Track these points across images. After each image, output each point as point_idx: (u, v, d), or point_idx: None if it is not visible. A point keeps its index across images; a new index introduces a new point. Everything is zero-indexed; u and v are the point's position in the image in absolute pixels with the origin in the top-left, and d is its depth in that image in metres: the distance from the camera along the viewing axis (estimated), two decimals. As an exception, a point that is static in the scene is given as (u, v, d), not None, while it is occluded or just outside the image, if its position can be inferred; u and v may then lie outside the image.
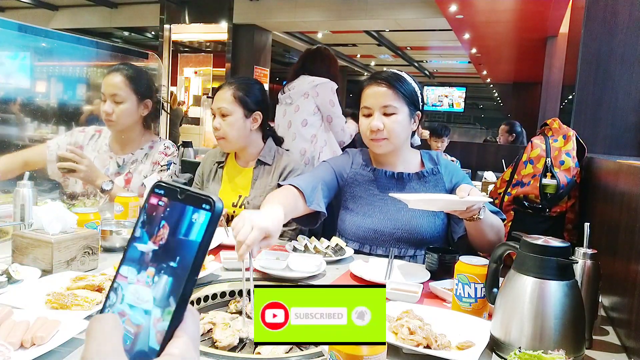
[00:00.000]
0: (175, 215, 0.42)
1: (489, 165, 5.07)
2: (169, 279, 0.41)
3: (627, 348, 1.03)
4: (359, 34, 10.17)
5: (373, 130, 1.58)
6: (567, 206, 1.78)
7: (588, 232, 1.08)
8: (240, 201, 1.95)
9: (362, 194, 1.69)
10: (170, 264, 0.41)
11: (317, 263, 1.41)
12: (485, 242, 1.49)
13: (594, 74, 2.09)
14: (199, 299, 1.22)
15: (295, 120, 2.77)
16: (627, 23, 2.03)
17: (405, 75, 1.64)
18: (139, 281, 0.42)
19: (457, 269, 1.16)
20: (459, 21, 7.90)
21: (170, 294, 0.40)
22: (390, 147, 1.62)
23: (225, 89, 1.92)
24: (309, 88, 2.74)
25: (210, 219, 0.41)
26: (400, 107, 1.59)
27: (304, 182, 1.57)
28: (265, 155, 1.98)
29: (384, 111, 1.59)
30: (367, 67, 15.51)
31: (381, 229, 1.63)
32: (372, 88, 1.61)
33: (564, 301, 0.91)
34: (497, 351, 0.98)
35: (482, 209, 1.37)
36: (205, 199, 0.41)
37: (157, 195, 0.44)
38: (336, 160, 1.78)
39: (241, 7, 8.07)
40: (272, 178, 1.95)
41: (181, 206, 0.42)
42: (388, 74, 1.62)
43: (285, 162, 1.97)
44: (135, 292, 0.42)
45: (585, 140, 1.86)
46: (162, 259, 0.42)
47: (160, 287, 0.41)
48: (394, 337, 0.97)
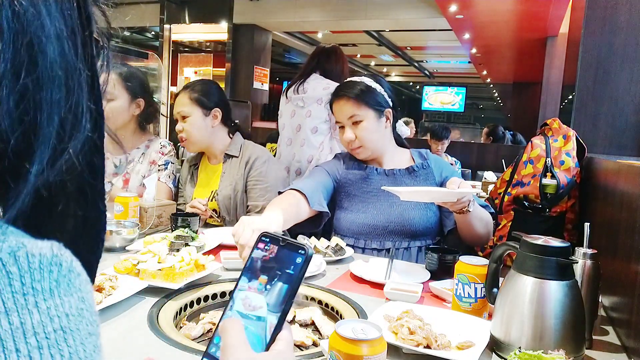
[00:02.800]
0: (282, 255, 0.60)
1: (489, 165, 5.08)
2: (282, 293, 0.57)
3: (627, 348, 1.03)
4: (359, 34, 10.16)
5: (348, 142, 1.68)
6: (567, 206, 1.78)
7: (588, 232, 1.08)
8: (211, 196, 2.00)
9: (356, 192, 1.73)
10: (283, 283, 0.57)
11: (317, 263, 1.41)
12: (474, 235, 1.54)
13: (594, 74, 2.09)
14: (199, 299, 1.22)
15: (306, 126, 2.67)
16: (627, 23, 2.03)
17: (366, 80, 1.68)
18: (252, 289, 0.59)
19: (457, 269, 1.16)
20: (459, 21, 7.90)
21: (276, 307, 0.56)
22: (368, 152, 1.71)
23: (182, 93, 2.00)
24: (324, 95, 2.61)
25: (305, 260, 0.58)
26: (365, 114, 1.65)
27: (305, 185, 1.61)
28: (232, 149, 2.03)
29: (351, 121, 1.67)
30: (367, 67, 15.50)
31: (374, 223, 1.67)
32: (336, 104, 1.71)
33: (564, 301, 0.91)
34: (497, 351, 0.98)
35: (471, 202, 1.42)
36: (302, 247, 0.59)
37: (263, 242, 0.62)
38: (328, 164, 1.83)
39: (241, 7, 8.06)
40: (238, 168, 1.99)
41: (286, 250, 0.60)
42: (347, 86, 1.69)
43: (250, 151, 2.01)
44: (251, 300, 0.58)
45: (585, 140, 1.86)
46: (277, 277, 0.58)
47: (274, 298, 0.57)
48: (394, 337, 0.97)
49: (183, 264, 1.25)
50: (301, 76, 2.71)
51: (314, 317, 1.14)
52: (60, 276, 0.32)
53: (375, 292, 1.28)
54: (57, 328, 0.30)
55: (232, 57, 8.35)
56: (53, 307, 0.31)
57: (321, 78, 2.68)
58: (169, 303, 1.13)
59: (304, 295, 1.27)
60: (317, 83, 2.66)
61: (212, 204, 1.98)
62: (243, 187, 1.98)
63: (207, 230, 1.77)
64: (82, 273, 0.34)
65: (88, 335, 0.32)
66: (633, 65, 2.03)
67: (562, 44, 6.89)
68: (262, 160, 1.99)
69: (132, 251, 1.45)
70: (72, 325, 0.31)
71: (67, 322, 0.31)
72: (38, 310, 0.30)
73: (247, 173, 1.98)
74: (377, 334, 0.76)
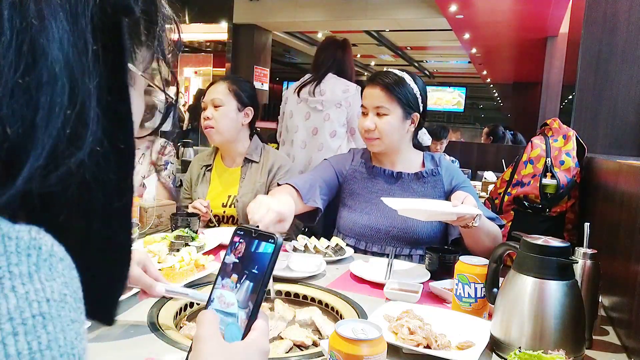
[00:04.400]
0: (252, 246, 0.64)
1: (489, 165, 5.06)
2: (249, 290, 0.61)
3: (627, 348, 1.03)
4: (359, 34, 10.15)
5: (366, 130, 1.64)
6: (567, 206, 1.78)
7: (588, 232, 1.08)
8: (230, 201, 1.97)
9: (360, 191, 1.71)
10: (250, 281, 0.61)
11: (317, 263, 1.41)
12: (481, 248, 1.46)
13: (594, 74, 2.09)
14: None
15: (324, 130, 2.56)
16: (627, 23, 2.03)
17: (407, 77, 1.64)
18: (225, 287, 0.63)
19: (457, 269, 1.16)
20: (459, 21, 7.90)
21: (249, 300, 0.60)
22: (382, 146, 1.66)
23: (220, 82, 1.97)
24: (343, 98, 2.54)
25: (275, 248, 0.61)
26: (393, 109, 1.61)
27: (300, 181, 1.63)
28: (252, 152, 2.00)
29: (376, 112, 1.63)
30: (367, 67, 15.49)
31: (377, 227, 1.65)
32: (368, 89, 1.66)
33: (564, 301, 0.91)
34: (497, 351, 0.98)
35: (477, 216, 1.34)
36: (271, 236, 0.62)
37: (238, 235, 0.65)
38: (337, 157, 1.82)
39: (241, 7, 8.06)
40: (260, 175, 1.96)
41: (256, 241, 0.64)
42: (386, 75, 1.64)
43: (272, 159, 1.99)
44: (225, 297, 0.62)
45: (585, 140, 1.86)
46: (245, 276, 0.62)
47: (242, 295, 0.61)
48: (394, 337, 0.97)
49: (183, 263, 1.25)
50: (317, 76, 2.59)
51: (314, 317, 1.14)
52: (40, 260, 0.30)
53: (375, 292, 1.28)
54: (35, 314, 0.29)
55: (232, 57, 8.35)
56: (32, 292, 0.29)
57: (337, 78, 2.58)
58: (169, 303, 1.13)
59: (303, 295, 1.27)
60: (335, 85, 2.56)
61: (230, 210, 1.95)
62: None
63: (207, 230, 1.77)
64: (66, 258, 0.33)
65: (70, 322, 0.31)
66: (633, 65, 2.03)
67: (562, 44, 6.88)
68: (285, 169, 1.96)
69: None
70: (53, 312, 0.30)
71: (48, 308, 0.30)
72: (15, 294, 0.28)
73: (270, 181, 1.94)
74: (377, 334, 0.76)
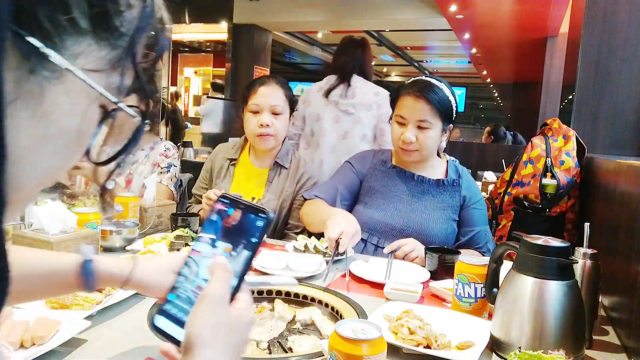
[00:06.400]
0: (244, 219, 0.61)
1: (489, 165, 5.06)
2: (238, 262, 0.59)
3: (627, 348, 1.03)
4: (359, 34, 10.20)
5: (405, 142, 1.62)
6: (567, 206, 1.79)
7: (588, 232, 1.08)
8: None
9: (379, 188, 1.72)
10: (236, 252, 0.60)
11: (317, 263, 1.41)
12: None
13: (594, 74, 2.09)
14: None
15: (354, 133, 2.49)
16: (627, 23, 2.03)
17: (444, 87, 1.63)
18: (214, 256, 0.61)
19: (457, 269, 1.16)
20: (459, 21, 7.90)
21: (238, 273, 0.59)
22: (419, 157, 1.67)
23: (275, 86, 1.87)
24: (374, 101, 2.46)
25: (265, 223, 0.59)
26: (435, 123, 1.61)
27: (325, 193, 1.74)
28: (282, 157, 1.93)
29: (418, 124, 1.61)
30: (367, 67, 15.51)
31: (392, 224, 1.66)
32: (410, 99, 1.62)
33: (564, 301, 0.91)
34: (497, 351, 0.98)
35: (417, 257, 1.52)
36: (262, 210, 0.60)
37: (224, 204, 0.63)
38: (357, 156, 1.85)
39: (241, 7, 8.06)
40: (288, 183, 1.90)
41: (247, 214, 0.61)
42: (429, 87, 1.61)
43: (302, 168, 1.93)
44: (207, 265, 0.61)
45: (585, 140, 1.86)
46: (233, 244, 0.61)
47: (237, 268, 0.59)
48: (394, 337, 0.97)
49: (183, 263, 1.25)
50: (344, 78, 2.53)
51: (314, 317, 1.14)
52: None
53: (375, 292, 1.28)
54: None
55: (232, 57, 8.35)
56: None
57: (363, 81, 2.53)
58: (169, 303, 1.13)
59: (303, 295, 1.27)
60: (365, 88, 2.51)
61: None
62: (289, 205, 1.90)
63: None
64: None
65: None
66: (633, 65, 2.03)
67: (562, 44, 6.88)
68: (313, 181, 1.92)
69: (132, 251, 1.45)
70: None
71: None
72: None
73: (297, 191, 1.90)
74: (377, 334, 0.76)
